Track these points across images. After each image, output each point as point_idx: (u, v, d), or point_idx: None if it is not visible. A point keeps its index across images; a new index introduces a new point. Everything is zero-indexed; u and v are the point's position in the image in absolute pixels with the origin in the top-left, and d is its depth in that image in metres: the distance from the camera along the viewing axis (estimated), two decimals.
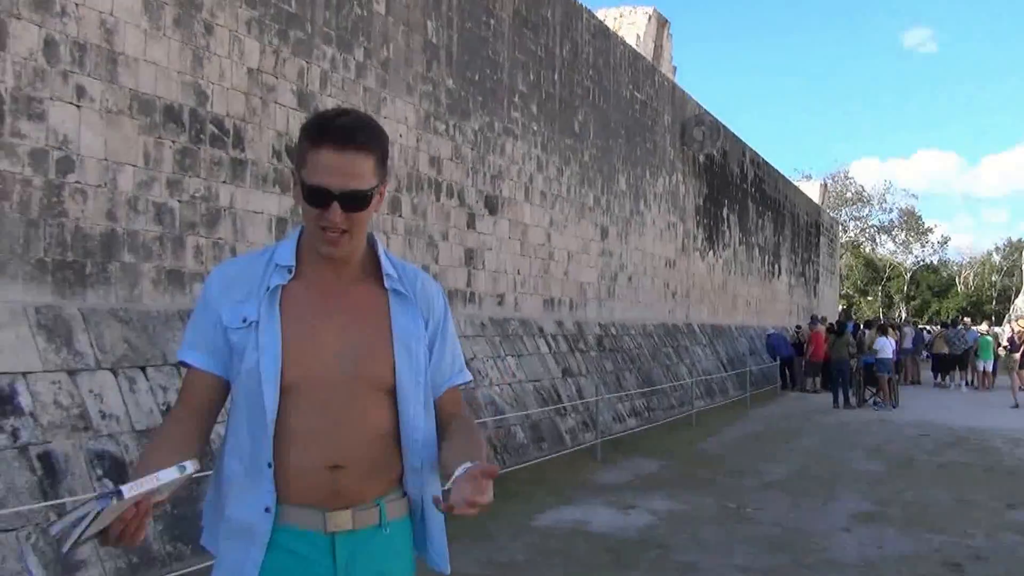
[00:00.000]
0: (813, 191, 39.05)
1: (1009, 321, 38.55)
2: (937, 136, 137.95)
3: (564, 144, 12.94)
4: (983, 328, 32.50)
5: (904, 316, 57.80)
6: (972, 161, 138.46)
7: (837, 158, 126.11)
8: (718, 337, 20.14)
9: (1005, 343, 22.15)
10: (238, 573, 1.81)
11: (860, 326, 22.27)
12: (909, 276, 64.10)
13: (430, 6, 9.75)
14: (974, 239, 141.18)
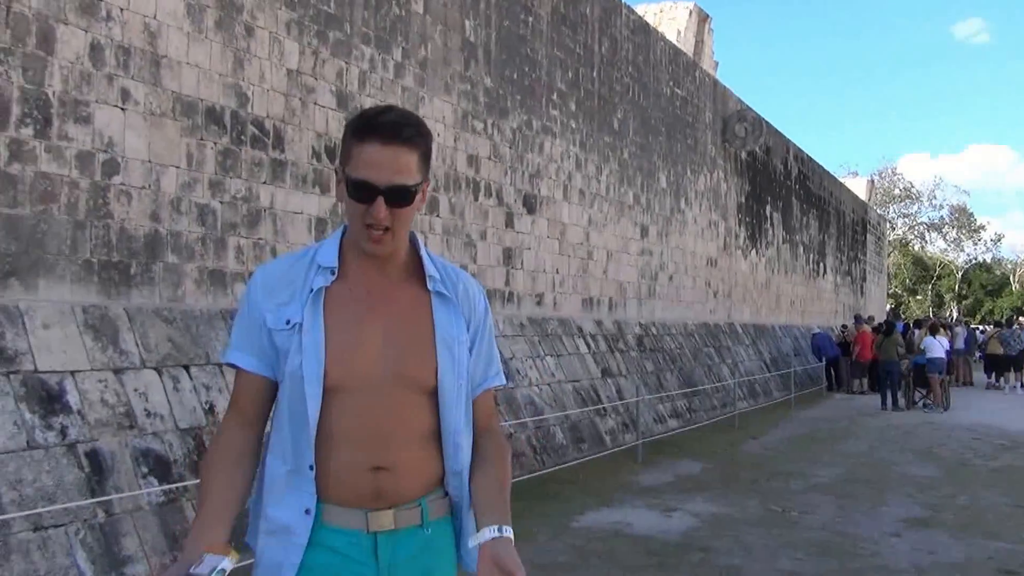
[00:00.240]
0: (860, 188, 38.39)
1: None
2: (989, 130, 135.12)
3: (603, 142, 12.86)
4: None
5: (955, 316, 56.57)
6: None
7: (884, 154, 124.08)
8: (761, 337, 19.88)
9: None
10: (276, 573, 1.82)
11: (910, 326, 21.78)
12: (960, 274, 62.71)
13: (468, 5, 9.74)
14: None
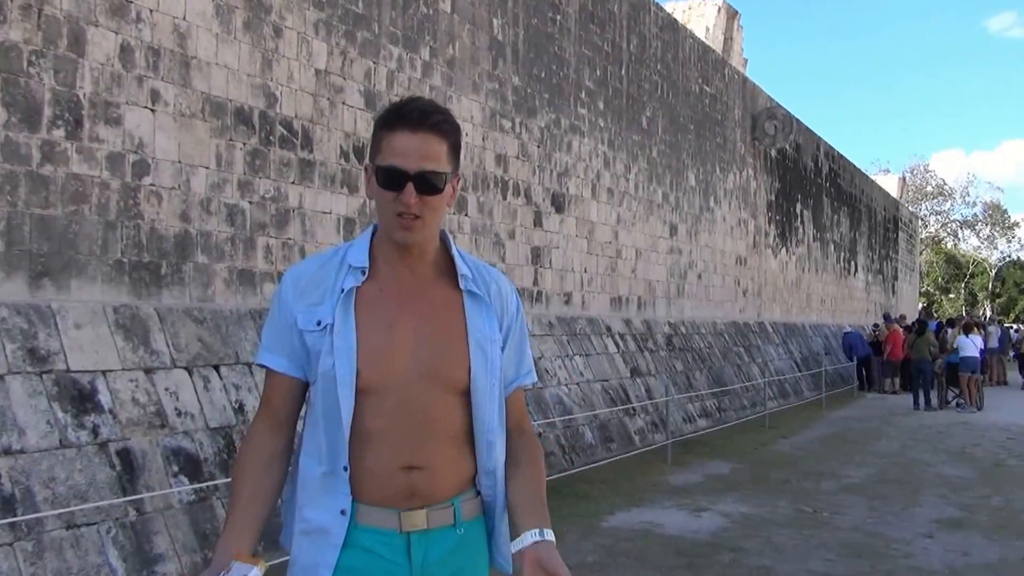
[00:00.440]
0: (891, 185, 37.90)
1: None
2: None
3: (632, 140, 12.79)
4: None
5: (989, 314, 55.68)
6: None
7: (916, 151, 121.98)
8: (791, 336, 19.68)
9: None
10: (312, 573, 1.82)
11: (943, 324, 21.46)
12: (994, 272, 61.70)
13: (496, 4, 9.73)
14: None
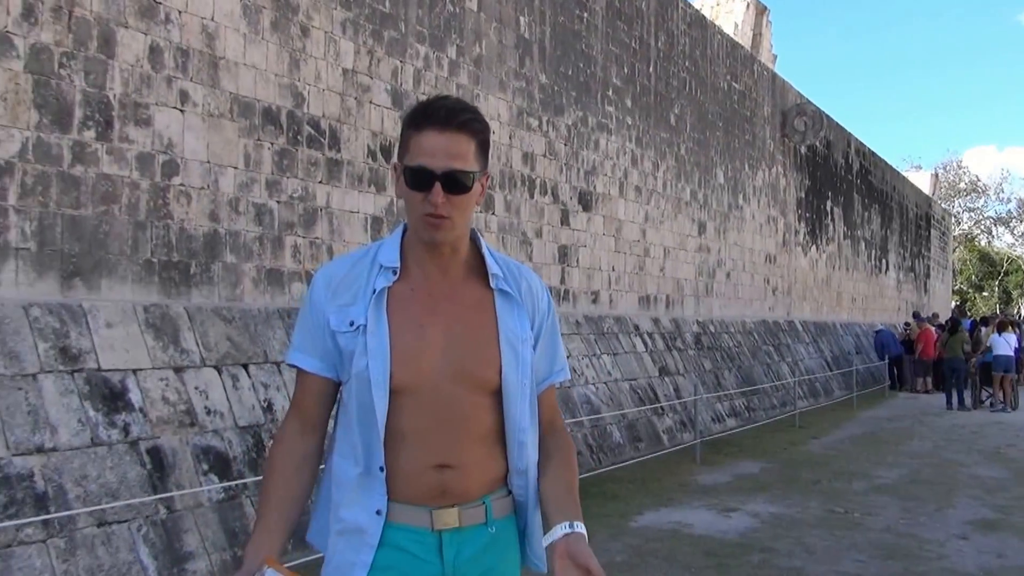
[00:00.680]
0: (923, 182, 37.38)
1: None
2: None
3: (659, 138, 12.71)
4: None
5: (1023, 313, 54.76)
6: None
7: (949, 147, 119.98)
8: (822, 335, 19.47)
9: None
10: (347, 573, 1.82)
11: (977, 323, 21.12)
12: None
13: (522, 2, 9.70)
14: None
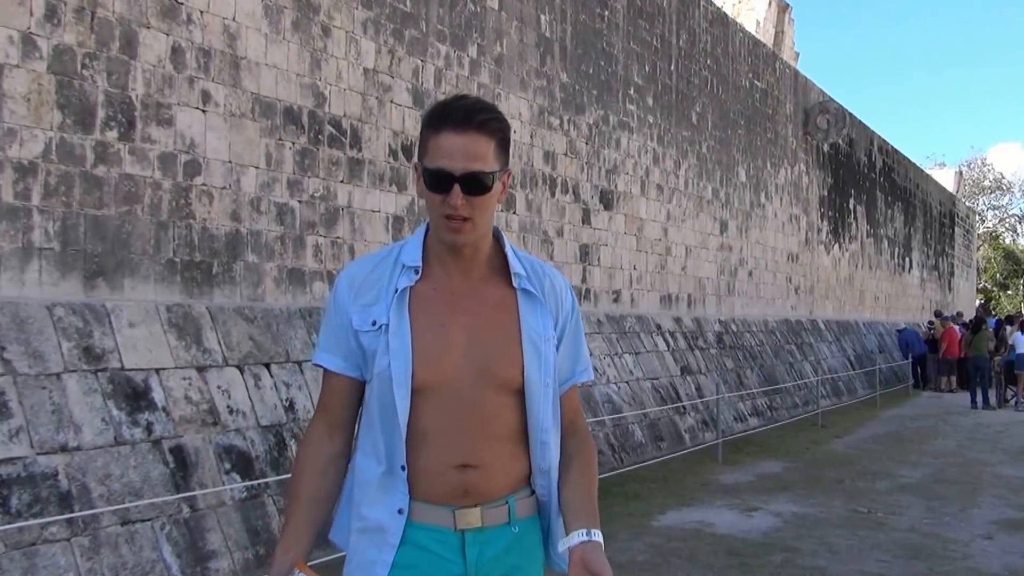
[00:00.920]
0: (947, 179, 36.96)
1: None
2: None
3: (681, 136, 12.65)
4: None
5: None
6: None
7: (973, 144, 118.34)
8: (845, 334, 19.31)
9: None
10: (369, 571, 1.82)
11: (1002, 322, 20.87)
12: None
13: (543, 0, 9.68)
14: None
